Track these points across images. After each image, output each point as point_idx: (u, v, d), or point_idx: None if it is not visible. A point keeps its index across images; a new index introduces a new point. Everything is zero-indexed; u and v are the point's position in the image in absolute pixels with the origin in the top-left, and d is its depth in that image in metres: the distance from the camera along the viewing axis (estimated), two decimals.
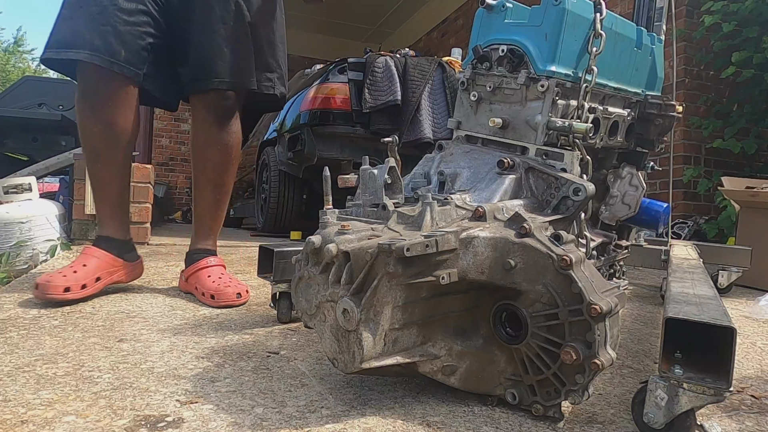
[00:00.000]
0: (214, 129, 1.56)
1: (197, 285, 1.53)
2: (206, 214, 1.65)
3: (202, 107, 1.56)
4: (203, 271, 1.56)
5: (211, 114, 1.56)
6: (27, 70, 19.01)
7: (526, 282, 0.79)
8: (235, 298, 1.47)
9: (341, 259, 0.79)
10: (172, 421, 0.75)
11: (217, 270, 1.57)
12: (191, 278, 1.57)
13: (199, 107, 1.56)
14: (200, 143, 1.58)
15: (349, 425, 0.76)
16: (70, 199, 2.79)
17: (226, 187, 1.64)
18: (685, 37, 3.64)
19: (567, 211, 0.96)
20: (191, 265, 1.59)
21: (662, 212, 1.49)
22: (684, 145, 3.67)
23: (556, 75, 1.04)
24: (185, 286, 1.61)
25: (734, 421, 0.86)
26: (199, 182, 1.62)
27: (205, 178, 1.61)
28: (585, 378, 0.75)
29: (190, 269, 1.58)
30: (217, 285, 1.49)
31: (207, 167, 1.59)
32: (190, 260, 1.62)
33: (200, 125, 1.57)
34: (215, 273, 1.55)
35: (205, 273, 1.55)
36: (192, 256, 1.63)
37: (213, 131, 1.56)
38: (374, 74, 3.26)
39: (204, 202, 1.63)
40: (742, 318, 1.62)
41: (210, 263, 1.58)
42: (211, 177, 1.60)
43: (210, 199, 1.62)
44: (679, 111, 1.28)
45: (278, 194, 3.80)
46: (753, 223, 2.26)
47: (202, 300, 1.50)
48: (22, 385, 0.84)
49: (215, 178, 1.61)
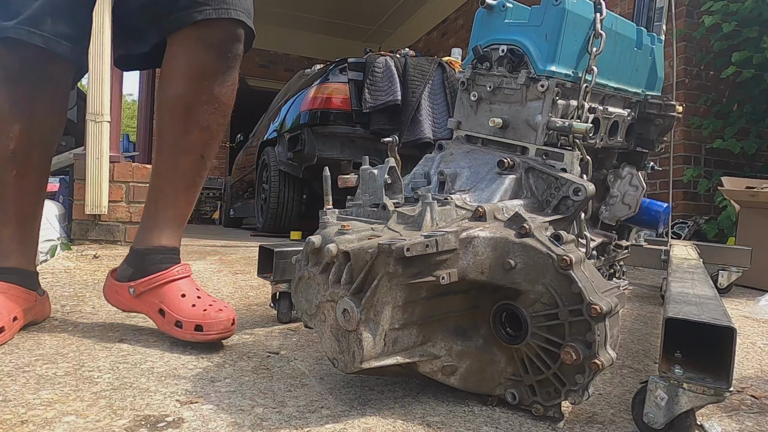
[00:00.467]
0: (215, 78, 1.13)
1: (165, 307, 1.08)
2: (179, 195, 1.17)
3: (198, 46, 1.10)
4: (172, 287, 1.10)
5: (212, 56, 1.11)
6: None
7: (526, 282, 0.79)
8: (230, 325, 1.07)
9: (341, 259, 0.79)
10: (172, 421, 0.75)
11: (190, 284, 1.14)
12: (148, 295, 1.11)
13: (192, 46, 1.10)
14: (189, 99, 1.12)
15: (349, 425, 0.76)
16: (70, 199, 2.79)
17: (210, 160, 1.21)
18: (685, 37, 3.64)
19: (567, 211, 0.96)
20: (149, 274, 1.11)
21: (662, 212, 1.49)
22: (684, 145, 3.68)
23: (556, 75, 1.04)
24: (132, 303, 1.13)
25: (734, 421, 0.86)
26: (177, 150, 1.15)
27: (189, 145, 1.15)
28: (585, 378, 0.75)
29: (147, 282, 1.11)
30: (201, 310, 1.06)
31: (193, 131, 1.14)
32: (144, 265, 1.13)
33: (192, 72, 1.12)
34: (190, 290, 1.11)
35: (176, 290, 1.10)
36: (148, 258, 1.13)
37: (212, 81, 1.13)
38: (374, 74, 3.26)
39: (179, 177, 1.16)
40: (742, 318, 1.62)
41: (180, 274, 1.13)
42: (197, 145, 1.15)
43: (190, 174, 1.17)
44: (679, 111, 1.28)
45: (278, 194, 3.80)
46: (753, 223, 2.26)
47: (172, 332, 1.07)
48: (22, 385, 0.84)
49: (202, 148, 1.16)
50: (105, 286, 1.20)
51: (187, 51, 1.11)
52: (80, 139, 3.72)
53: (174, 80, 1.13)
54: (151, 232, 1.16)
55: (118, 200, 2.77)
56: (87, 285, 1.70)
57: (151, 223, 1.17)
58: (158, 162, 1.18)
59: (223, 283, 1.84)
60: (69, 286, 1.68)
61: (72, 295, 1.54)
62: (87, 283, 1.73)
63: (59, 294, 1.54)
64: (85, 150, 2.72)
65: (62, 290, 1.60)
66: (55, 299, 1.46)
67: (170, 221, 1.18)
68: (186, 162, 1.16)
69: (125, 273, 1.16)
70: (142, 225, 1.19)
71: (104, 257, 2.32)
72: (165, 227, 1.17)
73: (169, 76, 1.13)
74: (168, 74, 1.13)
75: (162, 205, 1.18)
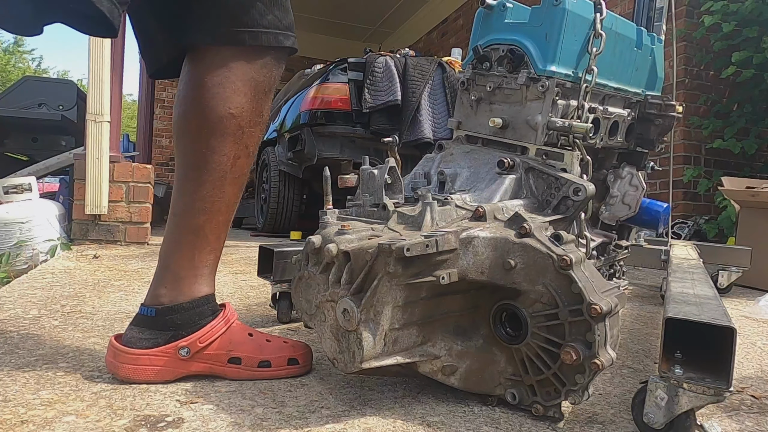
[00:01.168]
0: (268, 96, 1.01)
1: (238, 353, 0.94)
2: (222, 233, 1.00)
3: (249, 68, 0.95)
4: (235, 330, 0.98)
5: (268, 71, 0.98)
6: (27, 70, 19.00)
7: (526, 282, 0.79)
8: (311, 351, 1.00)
9: (341, 259, 0.79)
10: (172, 421, 0.75)
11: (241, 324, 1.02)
12: (210, 349, 0.94)
13: (252, 61, 0.96)
14: (245, 118, 0.96)
15: (349, 425, 0.76)
16: (70, 199, 2.79)
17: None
18: (685, 37, 3.64)
19: (567, 211, 0.96)
20: (206, 325, 0.94)
21: (662, 212, 1.49)
22: (684, 145, 3.67)
23: (556, 75, 1.04)
24: (182, 367, 0.92)
25: (734, 421, 0.85)
26: (225, 179, 0.97)
27: (237, 173, 0.99)
28: (585, 378, 0.75)
29: (208, 334, 0.94)
30: (281, 342, 0.99)
31: (241, 156, 0.98)
32: (193, 320, 0.94)
33: (247, 89, 0.96)
34: (248, 328, 1.01)
35: (241, 331, 0.99)
36: (196, 311, 0.95)
37: (265, 99, 1.00)
38: (374, 74, 3.26)
39: (225, 212, 0.99)
40: (742, 318, 1.62)
41: (234, 313, 1.00)
42: (245, 173, 1.02)
43: (234, 207, 1.02)
44: (679, 111, 1.28)
45: (278, 194, 3.80)
46: (753, 223, 2.26)
47: (256, 375, 0.94)
48: (22, 385, 0.84)
49: (245, 176, 1.02)
50: (118, 361, 0.90)
51: (244, 65, 0.96)
52: (80, 139, 3.72)
53: (226, 96, 0.94)
54: (191, 280, 0.96)
55: (118, 200, 2.77)
56: (87, 285, 1.70)
57: (189, 272, 0.97)
58: (198, 195, 0.96)
59: (223, 283, 1.84)
60: (69, 286, 1.68)
61: (72, 295, 1.54)
62: (87, 283, 1.73)
63: (59, 294, 1.54)
64: (85, 150, 2.72)
65: (62, 290, 1.60)
66: (55, 299, 1.47)
67: (211, 265, 0.99)
68: (233, 193, 0.99)
69: (158, 337, 0.92)
70: (174, 273, 0.96)
71: (104, 257, 2.32)
72: (207, 273, 0.98)
73: (218, 90, 0.94)
74: (216, 88, 0.94)
75: (201, 249, 0.97)
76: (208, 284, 0.98)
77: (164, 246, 0.99)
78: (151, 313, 0.94)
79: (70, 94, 4.63)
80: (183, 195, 0.97)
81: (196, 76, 0.95)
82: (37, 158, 4.19)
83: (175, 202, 0.98)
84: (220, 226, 0.99)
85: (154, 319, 0.93)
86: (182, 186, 0.98)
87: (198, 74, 0.95)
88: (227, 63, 0.94)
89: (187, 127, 0.96)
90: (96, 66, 2.63)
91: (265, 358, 0.94)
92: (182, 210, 0.97)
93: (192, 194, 0.96)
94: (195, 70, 0.96)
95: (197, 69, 0.96)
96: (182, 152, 0.98)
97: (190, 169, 0.97)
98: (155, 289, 0.96)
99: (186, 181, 0.97)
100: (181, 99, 0.97)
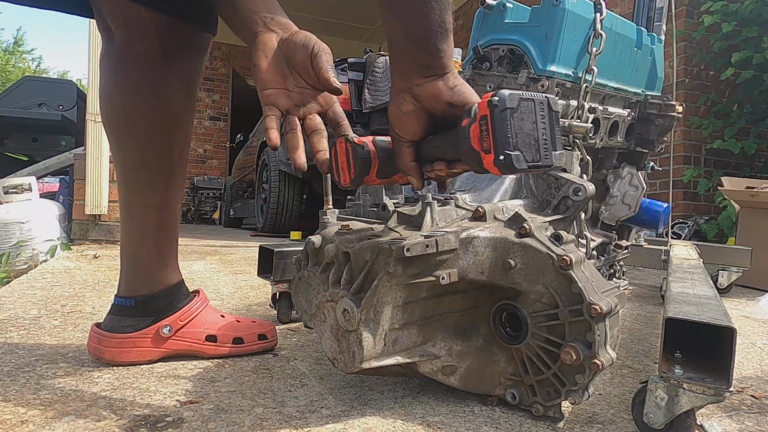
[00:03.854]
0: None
1: (213, 331, 1.03)
2: (177, 225, 1.07)
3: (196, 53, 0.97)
4: (209, 312, 1.06)
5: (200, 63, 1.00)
6: (27, 70, 19.01)
7: (526, 282, 0.79)
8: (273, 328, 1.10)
9: (341, 260, 0.79)
10: (172, 421, 0.75)
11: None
12: (189, 326, 1.01)
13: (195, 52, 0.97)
14: (185, 114, 1.00)
15: (349, 425, 0.76)
16: (70, 199, 2.79)
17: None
18: (685, 37, 3.64)
19: (567, 211, 0.96)
20: (183, 307, 1.02)
21: (662, 212, 1.49)
22: (684, 145, 3.68)
23: (556, 75, 1.04)
24: (163, 346, 0.99)
25: (734, 421, 0.85)
26: (179, 176, 1.03)
27: (183, 169, 1.05)
28: (585, 378, 0.75)
29: (187, 313, 1.01)
30: (249, 322, 1.08)
31: (186, 151, 1.04)
32: (172, 303, 1.01)
33: (188, 84, 0.99)
34: (218, 310, 1.09)
35: (214, 312, 1.07)
36: (173, 296, 1.02)
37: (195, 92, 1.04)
38: (374, 74, 3.26)
39: (178, 207, 1.07)
40: (742, 318, 1.62)
41: (206, 299, 1.08)
42: (184, 168, 1.06)
43: (183, 186, 1.09)
44: (679, 111, 1.28)
45: (278, 194, 3.81)
46: (753, 223, 2.26)
47: (231, 350, 1.03)
48: (22, 385, 0.84)
49: (187, 157, 1.08)
50: (103, 346, 0.95)
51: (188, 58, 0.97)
52: (80, 139, 3.72)
53: (172, 91, 0.96)
54: (161, 271, 1.01)
55: (118, 200, 2.77)
56: (87, 285, 1.70)
57: (159, 263, 1.01)
58: (154, 195, 0.99)
59: (223, 283, 1.84)
60: (69, 286, 1.68)
61: (72, 295, 1.54)
62: (87, 283, 1.73)
63: (59, 294, 1.54)
64: (85, 150, 2.72)
65: (62, 290, 1.60)
66: (55, 299, 1.47)
67: (175, 253, 1.05)
68: (182, 182, 1.05)
69: (140, 323, 0.97)
70: (144, 267, 1.00)
71: (104, 257, 2.32)
72: (174, 262, 1.05)
73: (162, 85, 0.94)
74: (162, 84, 0.94)
75: (167, 240, 1.03)
76: (177, 271, 1.05)
77: (129, 244, 1.02)
78: (130, 303, 0.99)
79: (70, 94, 4.63)
80: (136, 195, 1.00)
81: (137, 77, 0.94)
82: (37, 158, 4.19)
83: (129, 203, 1.00)
84: (176, 215, 1.05)
85: (134, 308, 0.99)
86: (134, 187, 1.00)
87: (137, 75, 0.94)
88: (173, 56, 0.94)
89: (133, 128, 0.96)
90: (96, 66, 2.63)
91: (238, 335, 1.04)
92: (141, 210, 1.00)
93: (150, 195, 0.99)
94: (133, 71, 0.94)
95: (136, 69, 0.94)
96: (128, 153, 0.98)
97: (142, 171, 0.98)
98: (130, 283, 1.00)
99: (138, 183, 0.99)
100: (119, 100, 0.95)
